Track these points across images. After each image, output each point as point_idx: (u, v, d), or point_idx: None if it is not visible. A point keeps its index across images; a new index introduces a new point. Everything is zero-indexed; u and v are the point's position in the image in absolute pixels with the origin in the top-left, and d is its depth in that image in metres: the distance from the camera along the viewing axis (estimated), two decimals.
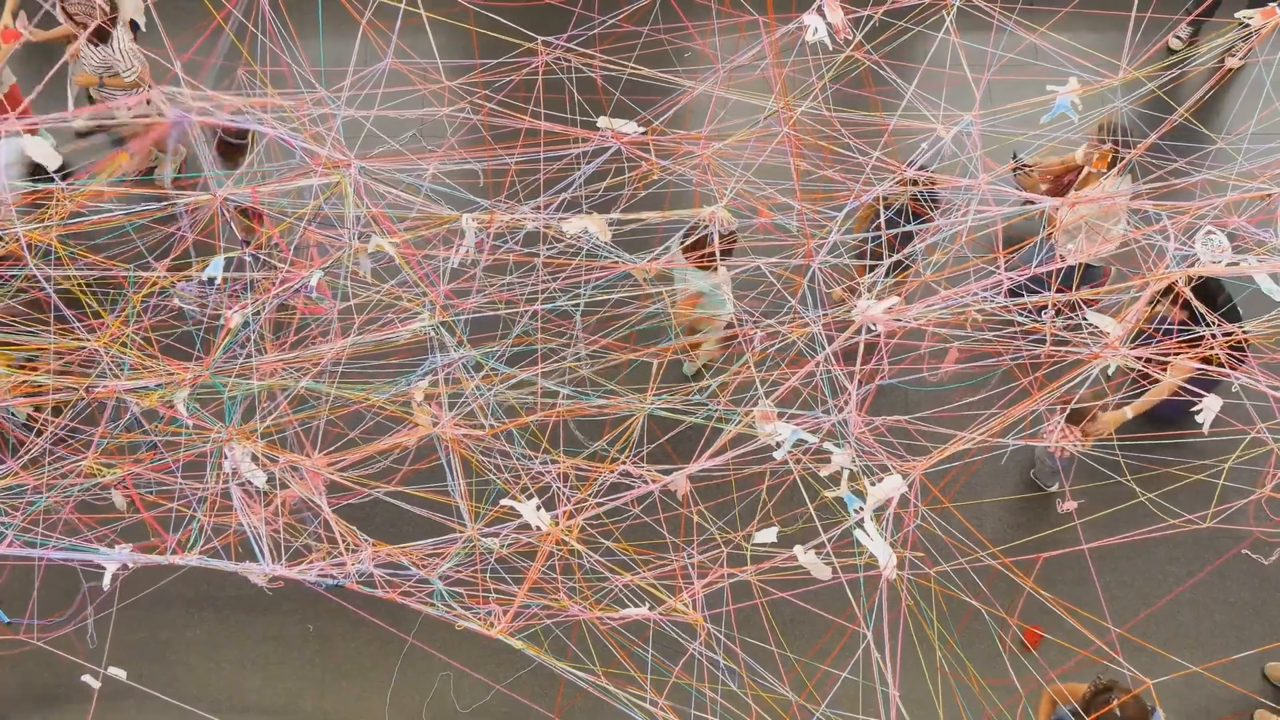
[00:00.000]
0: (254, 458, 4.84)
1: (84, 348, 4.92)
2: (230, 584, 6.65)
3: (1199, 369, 5.26)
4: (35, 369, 5.16)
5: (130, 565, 5.72)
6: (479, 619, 4.78)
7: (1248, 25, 5.75)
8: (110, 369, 4.84)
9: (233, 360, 4.93)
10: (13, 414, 5.97)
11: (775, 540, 4.59)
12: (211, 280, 4.83)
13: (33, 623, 5.77)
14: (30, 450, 5.30)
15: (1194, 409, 4.78)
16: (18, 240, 5.01)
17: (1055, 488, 6.84)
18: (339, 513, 4.98)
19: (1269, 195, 5.09)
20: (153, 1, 5.14)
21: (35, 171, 6.36)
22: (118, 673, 6.12)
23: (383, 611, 5.58)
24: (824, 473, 5.03)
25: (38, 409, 5.52)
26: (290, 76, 5.67)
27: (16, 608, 6.11)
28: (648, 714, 4.85)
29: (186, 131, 4.96)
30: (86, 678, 6.16)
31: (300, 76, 6.04)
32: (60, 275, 5.12)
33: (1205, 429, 4.67)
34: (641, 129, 5.47)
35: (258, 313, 4.91)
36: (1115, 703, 4.86)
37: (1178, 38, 9.04)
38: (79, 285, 5.23)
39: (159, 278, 5.14)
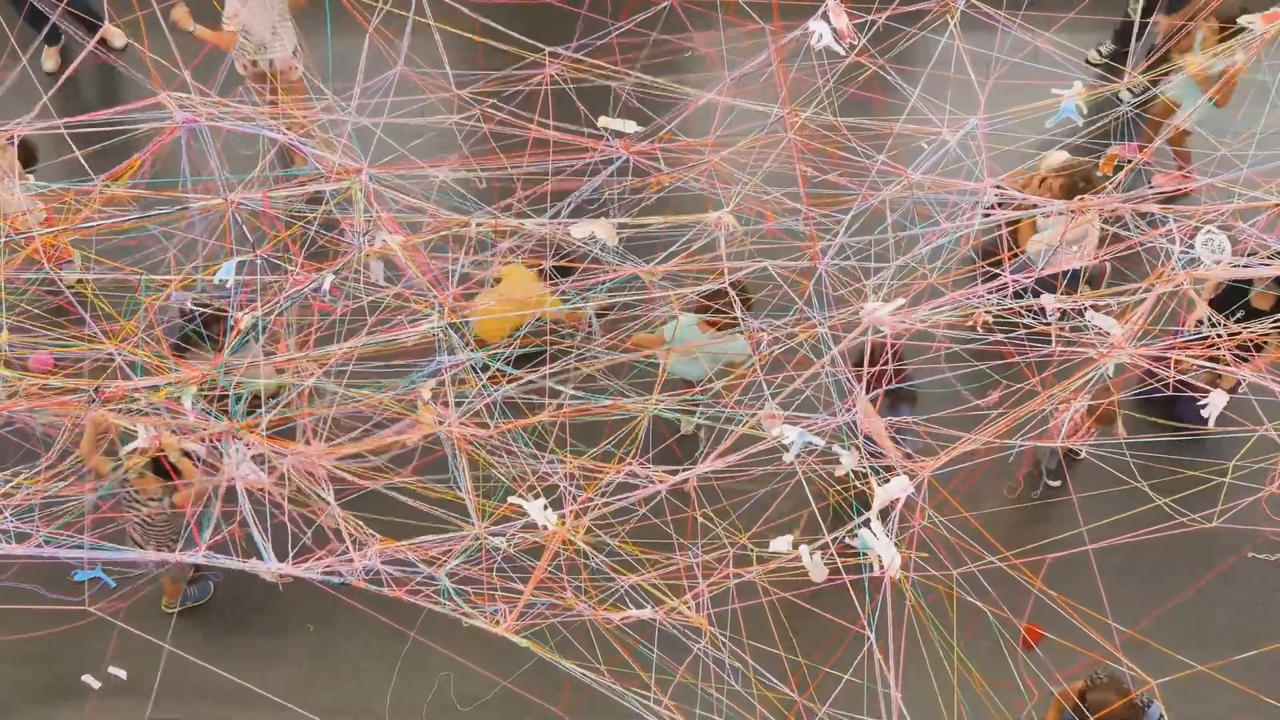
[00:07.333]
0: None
1: (98, 351, 4.98)
2: (228, 583, 6.71)
3: None
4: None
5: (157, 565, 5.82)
6: (485, 617, 4.82)
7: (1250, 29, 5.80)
8: (124, 370, 4.89)
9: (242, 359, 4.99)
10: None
11: (790, 548, 4.62)
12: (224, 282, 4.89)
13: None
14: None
15: (1200, 403, 4.82)
16: (34, 245, 5.10)
17: (1058, 483, 6.88)
18: (344, 508, 5.02)
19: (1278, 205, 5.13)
20: (161, 9, 5.20)
21: None
22: (118, 673, 6.17)
23: (385, 608, 5.60)
24: (837, 474, 5.07)
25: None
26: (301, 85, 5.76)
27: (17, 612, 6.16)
28: (652, 712, 4.89)
29: None
30: (87, 677, 6.21)
31: (310, 83, 6.12)
32: (74, 279, 5.19)
33: (1211, 423, 4.71)
34: (641, 128, 5.51)
35: (268, 314, 4.97)
36: (1111, 707, 4.89)
37: (1098, 51, 9.01)
38: (93, 290, 5.30)
39: (172, 282, 5.22)
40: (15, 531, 5.09)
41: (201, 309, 5.65)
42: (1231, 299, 6.33)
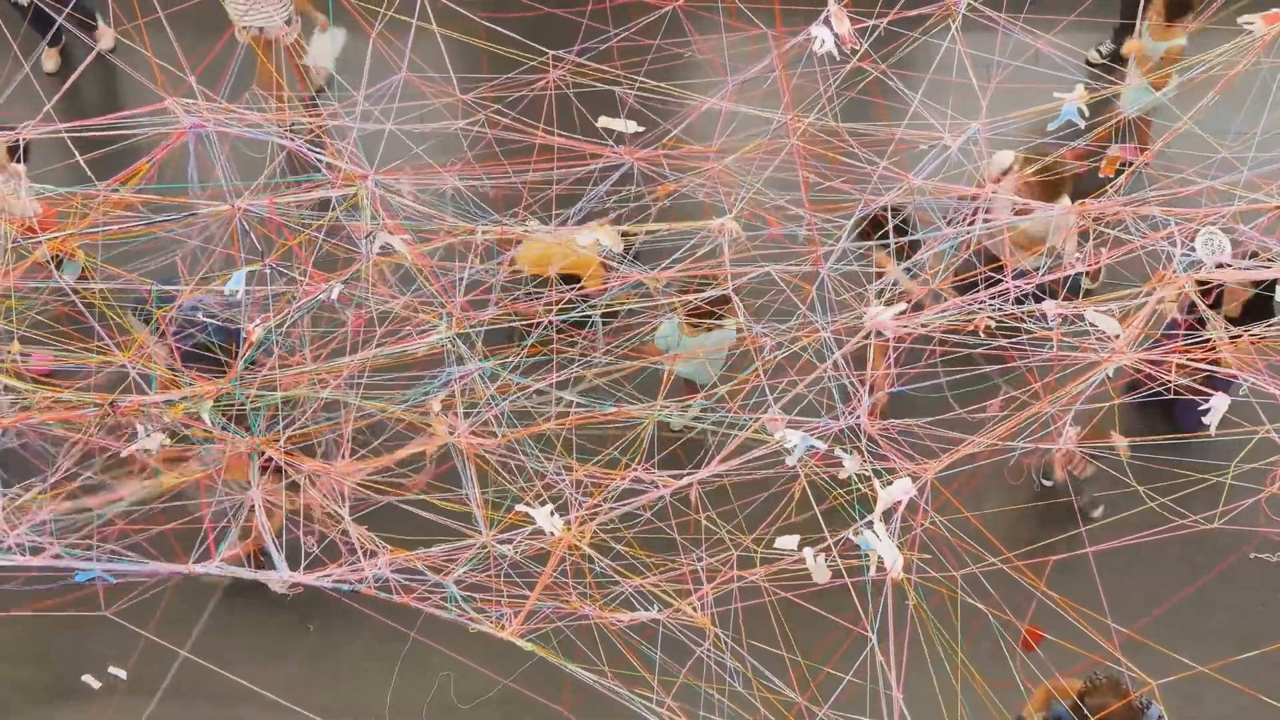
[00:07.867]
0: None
1: (111, 363, 5.00)
2: (229, 584, 6.73)
3: None
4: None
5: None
6: (491, 621, 4.85)
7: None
8: (138, 383, 4.91)
9: (257, 372, 5.01)
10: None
11: (796, 548, 4.65)
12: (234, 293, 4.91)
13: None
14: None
15: (1202, 408, 4.84)
16: (41, 251, 5.12)
17: (1051, 483, 6.92)
18: (355, 519, 5.05)
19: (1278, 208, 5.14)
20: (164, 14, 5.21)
21: None
22: (118, 672, 6.20)
23: (385, 609, 5.64)
24: (841, 476, 5.10)
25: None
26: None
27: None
28: (654, 713, 4.92)
29: None
30: (87, 677, 6.23)
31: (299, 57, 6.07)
32: (83, 288, 5.20)
33: (1213, 430, 4.73)
34: (641, 129, 5.53)
35: (280, 325, 4.99)
36: (1110, 709, 4.92)
37: (1098, 51, 9.01)
38: (104, 299, 5.31)
39: (184, 292, 5.23)
40: (30, 545, 5.11)
41: (212, 320, 5.67)
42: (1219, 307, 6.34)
